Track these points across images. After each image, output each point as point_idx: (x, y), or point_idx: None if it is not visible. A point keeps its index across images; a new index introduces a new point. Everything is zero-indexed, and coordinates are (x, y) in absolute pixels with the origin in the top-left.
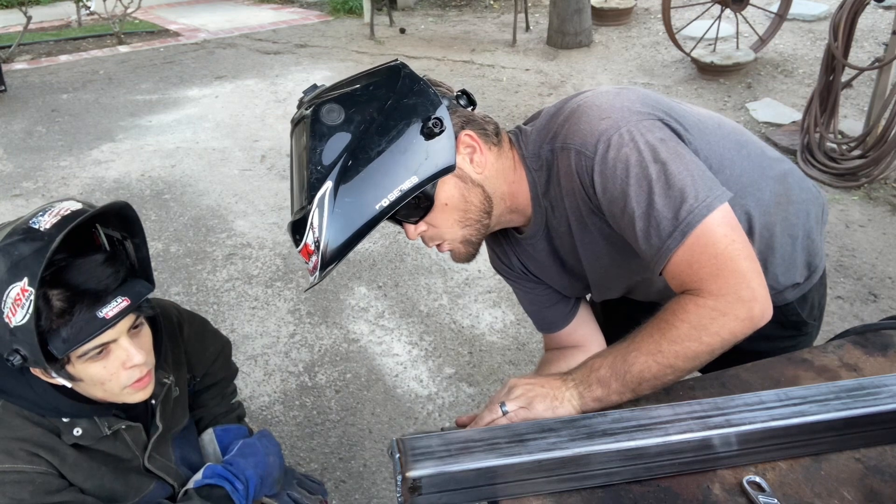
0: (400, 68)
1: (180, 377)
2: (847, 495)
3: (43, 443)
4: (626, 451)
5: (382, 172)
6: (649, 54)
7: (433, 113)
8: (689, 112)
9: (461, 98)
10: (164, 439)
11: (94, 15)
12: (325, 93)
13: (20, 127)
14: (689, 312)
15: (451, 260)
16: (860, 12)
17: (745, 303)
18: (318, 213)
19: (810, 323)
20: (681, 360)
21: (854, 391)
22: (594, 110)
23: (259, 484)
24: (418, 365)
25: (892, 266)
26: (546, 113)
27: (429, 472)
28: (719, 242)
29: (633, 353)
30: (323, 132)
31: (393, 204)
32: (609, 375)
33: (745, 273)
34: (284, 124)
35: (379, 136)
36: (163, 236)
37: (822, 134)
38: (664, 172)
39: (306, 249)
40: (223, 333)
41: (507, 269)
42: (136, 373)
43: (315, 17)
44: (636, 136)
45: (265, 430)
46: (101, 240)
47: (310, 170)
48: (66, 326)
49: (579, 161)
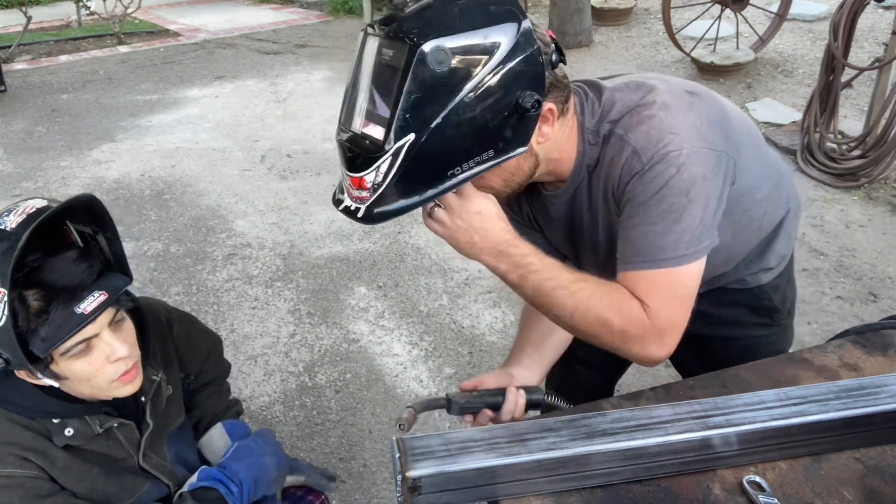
0: (519, 17)
1: (172, 375)
2: (847, 495)
3: (32, 447)
4: (626, 451)
5: (466, 141)
6: (649, 54)
7: (535, 91)
8: (737, 126)
9: (554, 53)
10: (158, 438)
11: (94, 15)
12: (433, 18)
13: (20, 127)
14: (631, 317)
15: (451, 260)
16: (860, 12)
17: (662, 348)
18: (389, 161)
19: (783, 312)
20: (583, 329)
21: (854, 391)
22: (668, 118)
23: (253, 486)
24: (418, 365)
25: (892, 266)
26: (617, 85)
27: (429, 471)
28: (682, 289)
29: (565, 291)
30: (424, 78)
31: (465, 178)
32: (533, 284)
33: (679, 325)
34: (284, 124)
35: (477, 101)
36: (163, 236)
37: (822, 134)
38: (683, 209)
39: (360, 181)
40: (214, 331)
41: (509, 211)
42: (121, 366)
43: (315, 17)
44: (686, 164)
45: (263, 430)
46: (72, 237)
47: (398, 109)
48: (45, 325)
49: (631, 159)
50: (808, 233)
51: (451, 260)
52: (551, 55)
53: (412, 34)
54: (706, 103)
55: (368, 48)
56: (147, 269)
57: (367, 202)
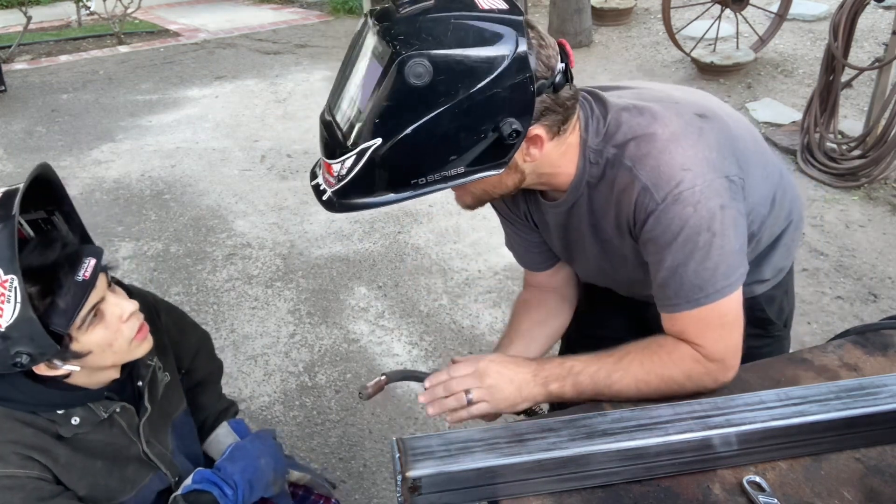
0: (516, 42)
1: (167, 362)
2: (847, 495)
3: (35, 444)
4: (626, 451)
5: (435, 152)
6: (649, 54)
7: (519, 121)
8: (744, 146)
9: (559, 74)
10: (160, 425)
11: (94, 15)
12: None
13: (20, 127)
14: (686, 364)
15: (451, 260)
16: (860, 12)
17: (728, 371)
18: (354, 159)
19: (777, 324)
20: (655, 393)
21: (854, 391)
22: (678, 152)
23: (248, 489)
24: (418, 365)
25: (892, 266)
26: (624, 106)
27: (429, 472)
28: (730, 315)
29: (620, 373)
30: (399, 89)
31: (433, 189)
32: (588, 384)
33: (737, 347)
34: (284, 124)
35: (453, 120)
36: (163, 236)
37: (822, 134)
38: (709, 244)
39: (329, 168)
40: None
41: (506, 209)
42: (135, 321)
43: (315, 17)
44: (702, 200)
45: (263, 432)
46: (24, 230)
47: (367, 111)
48: (60, 297)
49: (643, 197)
50: (808, 233)
51: (451, 260)
52: (553, 78)
53: (398, 40)
54: (716, 127)
55: (362, 38)
56: (147, 269)
57: (332, 188)
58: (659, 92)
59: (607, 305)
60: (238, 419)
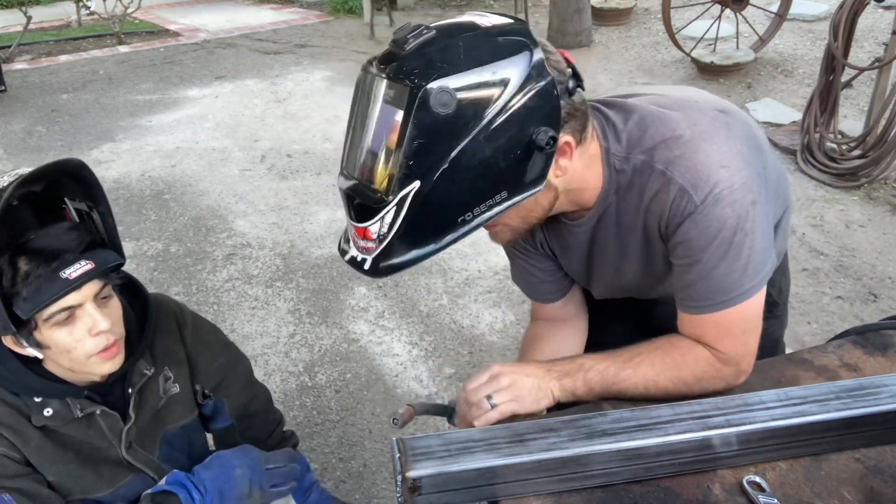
0: (530, 50)
1: (180, 374)
2: (847, 495)
3: (8, 423)
4: (626, 451)
5: (477, 184)
6: (649, 54)
7: (550, 126)
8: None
9: (571, 79)
10: (151, 434)
11: (94, 15)
12: (436, 56)
13: (20, 127)
14: (700, 366)
15: (451, 260)
16: (860, 12)
17: (741, 375)
18: (394, 211)
19: (780, 304)
20: (662, 393)
21: (854, 391)
22: (714, 149)
23: (217, 496)
24: (418, 365)
25: (892, 266)
26: (643, 111)
27: (429, 472)
28: (752, 320)
29: (629, 371)
30: (427, 122)
31: (479, 222)
32: (597, 380)
33: (754, 351)
34: (284, 124)
35: (487, 142)
36: (163, 236)
37: (822, 134)
38: (741, 245)
39: (365, 232)
40: (241, 352)
41: (520, 243)
42: (101, 340)
43: (315, 17)
44: (739, 198)
45: (247, 445)
46: (70, 213)
47: (400, 156)
48: (28, 286)
49: (680, 199)
50: (808, 233)
51: (451, 260)
52: (567, 82)
53: (413, 75)
54: (739, 121)
55: (368, 88)
56: (147, 269)
57: (373, 253)
58: (676, 94)
59: (610, 312)
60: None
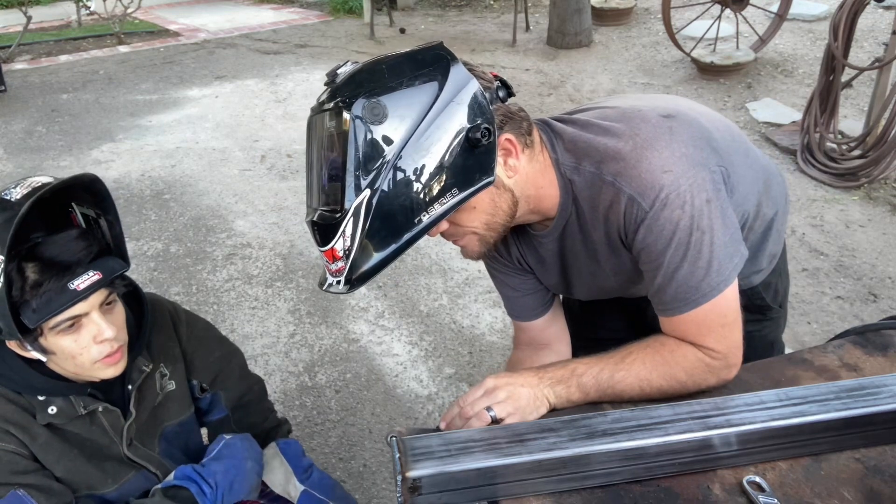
0: (448, 59)
1: (176, 371)
2: (847, 495)
3: (15, 420)
4: (626, 451)
5: (425, 185)
6: (649, 54)
7: (481, 120)
8: (720, 137)
9: (500, 88)
10: (149, 429)
11: (94, 15)
12: (363, 79)
13: (20, 127)
14: (689, 361)
15: (450, 260)
16: (860, 12)
17: (731, 368)
18: (352, 223)
19: (774, 308)
20: (658, 392)
21: (854, 391)
22: (656, 156)
23: (228, 489)
24: (418, 365)
25: (892, 266)
26: (588, 124)
27: (429, 472)
28: (729, 314)
29: (622, 372)
30: (364, 133)
31: (434, 220)
32: (592, 385)
33: (739, 344)
34: (284, 124)
35: (426, 143)
36: (163, 236)
37: (822, 134)
38: (700, 243)
39: (332, 253)
40: (234, 344)
41: (497, 259)
42: (106, 347)
43: (315, 17)
44: (688, 199)
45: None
46: (77, 218)
47: (346, 171)
48: (37, 297)
49: (631, 208)
50: (808, 233)
51: (451, 260)
52: (496, 90)
53: (345, 98)
54: (685, 123)
55: (313, 126)
56: (147, 269)
57: (344, 271)
58: (621, 104)
59: (603, 307)
60: (289, 440)
